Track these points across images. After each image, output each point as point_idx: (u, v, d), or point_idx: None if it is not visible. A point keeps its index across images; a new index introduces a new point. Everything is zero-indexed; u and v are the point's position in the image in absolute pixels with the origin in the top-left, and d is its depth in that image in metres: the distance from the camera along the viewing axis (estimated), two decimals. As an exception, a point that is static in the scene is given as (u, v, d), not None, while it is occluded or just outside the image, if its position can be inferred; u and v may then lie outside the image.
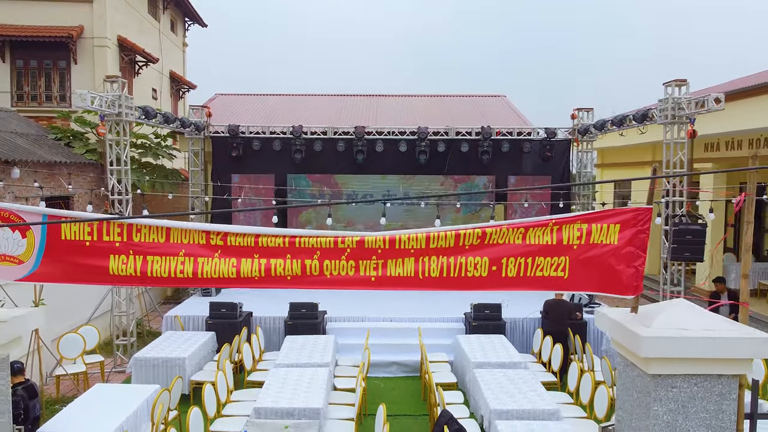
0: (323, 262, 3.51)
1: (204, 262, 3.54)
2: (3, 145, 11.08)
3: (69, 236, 3.58)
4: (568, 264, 3.60)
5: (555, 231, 3.59)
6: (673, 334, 3.20)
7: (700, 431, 3.24)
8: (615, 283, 3.54)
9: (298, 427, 6.69)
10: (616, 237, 3.52)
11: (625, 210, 3.62)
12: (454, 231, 3.59)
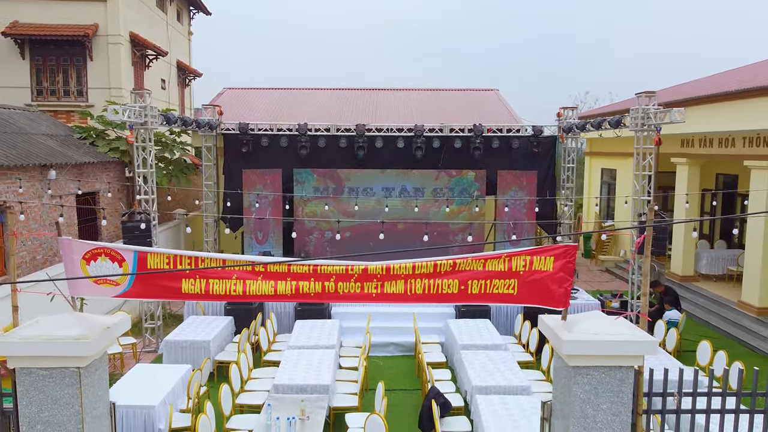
0: (337, 283, 4.79)
1: (251, 284, 4.81)
2: (40, 150, 12.27)
3: (152, 265, 4.85)
4: (516, 285, 4.87)
5: (506, 261, 4.87)
6: (587, 338, 4.48)
7: (606, 405, 4.55)
8: (550, 299, 4.81)
9: (311, 400, 8.03)
10: (551, 266, 4.77)
11: (558, 246, 4.87)
12: (432, 261, 4.86)
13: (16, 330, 4.51)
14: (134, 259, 4.89)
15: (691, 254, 16.68)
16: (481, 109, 19.21)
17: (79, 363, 4.39)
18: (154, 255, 4.90)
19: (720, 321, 13.82)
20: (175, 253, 4.91)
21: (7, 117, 13.82)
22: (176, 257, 4.88)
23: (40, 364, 4.36)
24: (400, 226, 16.32)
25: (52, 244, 12.54)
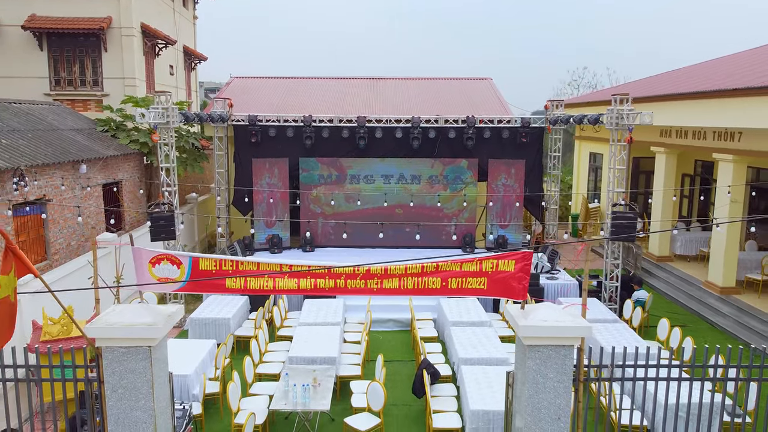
0: (347, 281, 6.10)
1: (279, 281, 6.12)
2: (71, 146, 13.50)
3: (204, 267, 6.15)
4: (486, 282, 6.19)
5: (478, 263, 6.16)
6: (538, 324, 5.82)
7: (553, 374, 5.91)
8: (512, 293, 6.13)
9: (321, 370, 9.45)
10: (513, 267, 6.08)
11: (518, 252, 6.17)
12: (420, 263, 6.16)
13: (101, 317, 5.86)
14: (189, 263, 6.20)
15: (666, 236, 18.02)
16: (474, 98, 20.36)
17: (150, 343, 5.75)
18: (205, 259, 6.22)
19: (687, 299, 15.23)
20: (221, 258, 6.23)
21: (37, 113, 15.00)
22: (221, 261, 6.21)
23: (121, 344, 5.72)
24: (398, 210, 17.65)
25: (83, 231, 13.85)
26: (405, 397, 9.73)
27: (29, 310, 9.08)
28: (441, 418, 8.51)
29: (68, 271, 10.72)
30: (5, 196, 10.82)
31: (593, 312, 12.40)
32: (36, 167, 11.70)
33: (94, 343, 5.77)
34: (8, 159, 10.91)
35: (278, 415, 9.08)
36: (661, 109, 16.52)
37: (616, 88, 23.76)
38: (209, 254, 7.15)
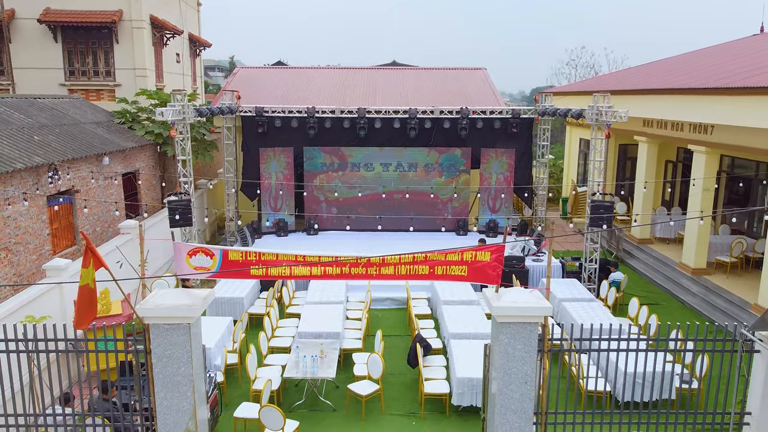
0: (351, 268, 7.30)
1: (294, 269, 7.32)
2: (94, 139, 14.63)
3: (232, 258, 7.35)
4: (466, 269, 7.39)
5: (460, 254, 7.36)
6: (508, 305, 7.04)
7: (521, 346, 7.15)
8: (488, 279, 7.34)
9: (327, 343, 10.72)
10: (489, 257, 7.28)
11: (492, 246, 7.37)
12: (412, 254, 7.35)
13: (148, 299, 7.08)
14: (220, 254, 7.40)
15: (647, 220, 19.22)
16: (468, 89, 21.40)
17: (189, 320, 6.99)
18: (233, 251, 7.41)
19: (663, 279, 16.50)
20: (247, 250, 7.43)
21: (61, 108, 16.08)
22: (246, 252, 7.41)
23: (165, 321, 6.96)
24: (396, 196, 18.84)
25: (107, 217, 15.04)
26: (401, 367, 11.03)
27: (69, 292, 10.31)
28: (432, 384, 9.81)
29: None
30: (41, 189, 12.00)
31: (572, 291, 13.68)
32: (66, 161, 12.87)
33: (144, 320, 7.01)
34: (43, 155, 12.07)
35: (290, 383, 10.38)
36: (641, 102, 17.65)
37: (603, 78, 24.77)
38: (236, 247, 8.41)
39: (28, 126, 13.34)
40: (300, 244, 17.47)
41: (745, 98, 12.53)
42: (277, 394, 9.77)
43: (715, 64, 17.50)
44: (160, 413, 7.20)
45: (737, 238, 15.94)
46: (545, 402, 7.61)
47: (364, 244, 17.00)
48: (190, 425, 7.27)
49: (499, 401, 7.32)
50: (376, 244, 17.01)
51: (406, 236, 18.12)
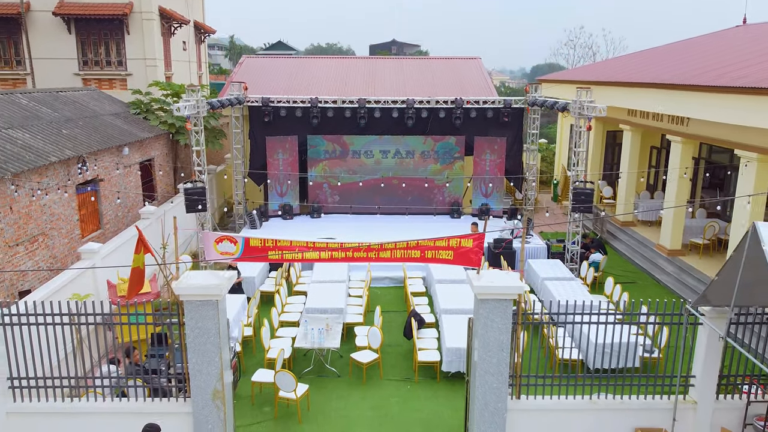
0: (354, 253, 8.52)
1: (305, 253, 8.56)
2: (114, 131, 15.79)
3: (252, 244, 8.57)
4: (452, 254, 8.61)
5: (447, 241, 8.57)
6: (487, 284, 8.29)
7: (498, 319, 8.42)
8: (471, 262, 8.57)
9: (332, 318, 12.03)
10: (471, 244, 8.50)
11: (474, 234, 8.59)
12: (406, 241, 8.57)
13: (182, 279, 8.32)
14: (242, 241, 8.63)
15: (630, 203, 20.47)
16: (463, 78, 22.46)
17: (217, 297, 8.25)
18: (253, 239, 8.65)
19: (642, 259, 17.79)
20: (265, 237, 8.67)
21: (81, 101, 17.20)
22: (265, 240, 8.65)
23: (197, 298, 8.22)
24: (394, 181, 20.05)
25: (127, 203, 16.26)
26: (397, 339, 12.36)
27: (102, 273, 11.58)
28: (425, 354, 11.15)
29: (123, 240, 13.19)
30: (72, 179, 13.22)
31: (555, 271, 14.97)
32: (92, 153, 14.05)
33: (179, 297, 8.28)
34: (72, 148, 13.25)
35: (299, 352, 11.71)
36: (625, 94, 18.76)
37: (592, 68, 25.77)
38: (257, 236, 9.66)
39: (55, 120, 14.49)
40: (305, 227, 18.72)
41: (713, 95, 13.68)
42: (288, 362, 11.11)
43: (695, 57, 18.57)
44: (192, 376, 8.51)
45: (710, 222, 17.19)
46: (519, 368, 8.92)
47: (364, 227, 18.29)
48: (217, 386, 8.58)
49: (479, 366, 8.62)
50: (375, 226, 18.30)
51: (403, 219, 19.37)
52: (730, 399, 9.07)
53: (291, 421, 9.71)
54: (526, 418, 8.87)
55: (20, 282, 11.42)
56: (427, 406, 10.21)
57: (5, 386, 8.63)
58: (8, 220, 11.08)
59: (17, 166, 11.17)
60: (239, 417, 9.66)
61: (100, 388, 8.99)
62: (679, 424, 8.94)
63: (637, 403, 9.09)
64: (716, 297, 8.34)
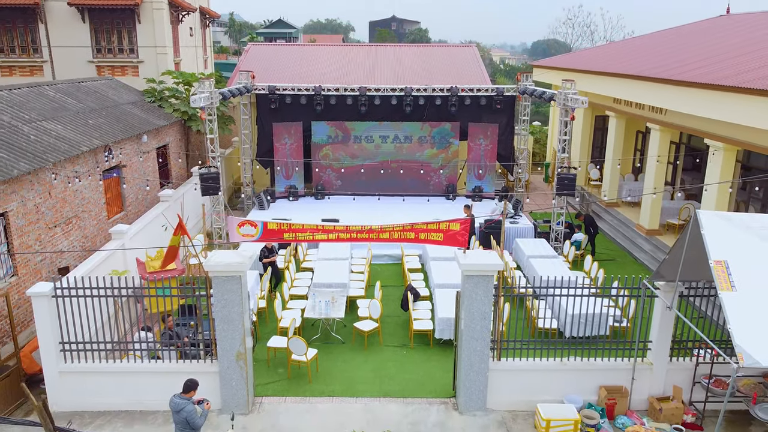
0: (357, 234, 9.85)
1: (316, 234, 9.90)
2: (134, 120, 17.02)
3: (270, 227, 9.89)
4: (442, 236, 9.95)
5: (438, 224, 9.92)
6: (471, 262, 9.65)
7: (481, 292, 9.80)
8: (458, 243, 9.92)
9: (336, 292, 13.43)
10: (458, 227, 9.83)
11: (461, 219, 9.93)
12: (401, 225, 9.89)
13: (210, 258, 9.69)
14: (261, 225, 9.97)
15: (615, 186, 21.78)
16: (458, 66, 23.61)
17: (240, 273, 9.62)
18: (271, 222, 10.00)
19: (622, 238, 19.18)
20: (281, 221, 10.03)
21: (102, 91, 18.38)
22: (281, 223, 10.00)
23: (223, 274, 9.59)
24: (393, 165, 21.33)
25: (145, 188, 17.58)
26: (395, 310, 13.79)
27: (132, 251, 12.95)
28: (419, 323, 12.58)
29: (147, 221, 14.55)
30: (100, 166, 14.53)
31: (539, 249, 16.35)
32: (116, 142, 15.34)
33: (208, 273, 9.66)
34: (99, 137, 14.52)
35: (307, 321, 13.14)
36: (609, 83, 19.97)
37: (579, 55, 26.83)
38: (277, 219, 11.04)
39: (81, 111, 15.71)
40: (310, 207, 20.05)
41: (685, 89, 14.91)
42: (298, 330, 12.54)
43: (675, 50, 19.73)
44: (219, 341, 9.92)
45: (685, 204, 18.54)
46: (499, 333, 10.34)
47: (365, 208, 19.63)
48: (240, 349, 10.00)
49: (465, 332, 10.04)
50: (375, 207, 19.65)
51: (401, 201, 20.71)
52: (681, 361, 10.51)
53: (302, 381, 11.16)
54: (504, 376, 10.32)
55: (58, 260, 12.80)
56: (421, 368, 11.67)
57: (58, 349, 10.05)
58: (48, 204, 12.41)
59: (55, 156, 12.47)
60: (257, 377, 11.10)
61: (137, 351, 10.43)
62: (637, 382, 10.41)
63: (602, 364, 10.53)
64: (668, 273, 9.73)
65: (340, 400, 10.56)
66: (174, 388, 8.68)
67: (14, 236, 11.34)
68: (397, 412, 10.18)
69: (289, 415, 10.10)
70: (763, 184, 16.07)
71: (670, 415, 10.08)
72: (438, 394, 10.77)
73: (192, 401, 8.33)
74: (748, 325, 7.50)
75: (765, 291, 7.86)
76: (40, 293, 9.65)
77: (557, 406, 9.94)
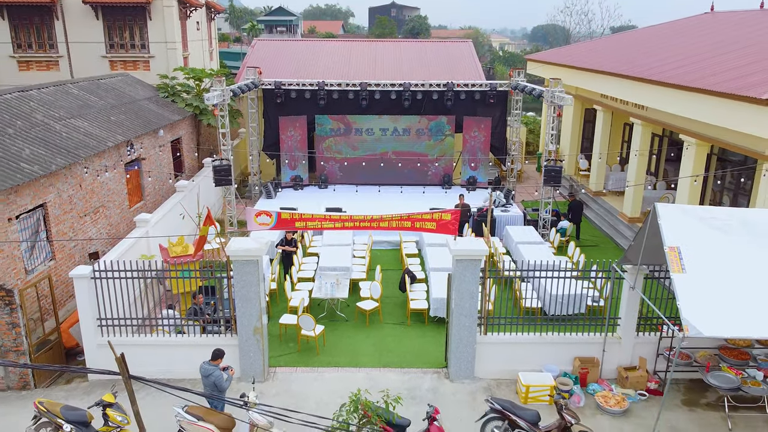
0: (360, 223, 11.13)
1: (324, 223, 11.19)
2: (150, 115, 18.26)
3: (284, 217, 11.16)
4: (435, 225, 11.23)
5: (431, 215, 11.20)
6: (461, 248, 10.94)
7: (469, 273, 11.10)
8: (449, 231, 11.19)
9: (340, 274, 14.77)
10: (449, 217, 11.11)
11: (451, 210, 11.22)
12: (399, 215, 11.17)
13: (231, 244, 10.99)
14: (276, 215, 11.27)
15: (602, 176, 23.06)
16: (454, 62, 24.80)
17: (257, 257, 10.94)
18: (284, 213, 11.31)
19: (606, 225, 20.49)
20: (293, 212, 11.33)
21: (119, 88, 19.59)
22: (293, 213, 11.31)
23: (242, 258, 10.91)
24: (392, 156, 22.60)
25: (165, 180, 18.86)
26: (394, 292, 15.14)
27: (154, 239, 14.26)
28: (416, 303, 13.94)
29: (166, 209, 15.85)
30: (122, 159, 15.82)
31: (527, 236, 17.67)
32: (137, 137, 16.61)
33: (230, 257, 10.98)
34: (122, 133, 15.78)
35: (314, 301, 14.49)
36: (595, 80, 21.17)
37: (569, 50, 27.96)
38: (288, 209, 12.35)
39: (103, 108, 16.95)
40: (314, 196, 21.33)
41: (662, 89, 16.16)
42: (306, 309, 13.90)
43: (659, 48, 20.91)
44: (238, 317, 11.27)
45: (665, 193, 19.84)
46: (485, 311, 11.69)
47: (366, 197, 20.92)
48: (257, 324, 11.36)
49: (455, 310, 11.39)
50: (375, 197, 20.93)
51: (400, 190, 22.00)
52: (646, 335, 11.88)
53: (311, 354, 12.54)
54: (490, 349, 11.68)
55: (89, 246, 14.12)
56: (417, 342, 13.04)
57: (95, 324, 11.40)
58: (79, 195, 13.70)
59: (85, 151, 13.74)
60: (270, 350, 12.46)
61: (165, 327, 11.79)
62: (607, 354, 11.78)
63: (576, 338, 11.90)
64: (633, 257, 11.07)
65: (344, 369, 11.94)
66: (198, 358, 10.06)
67: (52, 224, 12.65)
68: (396, 379, 11.56)
69: (300, 383, 11.49)
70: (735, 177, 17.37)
71: (636, 382, 11.46)
72: (432, 365, 12.16)
73: (219, 368, 9.70)
74: (694, 302, 8.82)
75: (711, 273, 9.17)
76: (81, 275, 10.99)
77: (536, 374, 11.32)
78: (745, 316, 8.72)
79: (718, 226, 9.88)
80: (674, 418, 10.73)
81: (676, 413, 10.87)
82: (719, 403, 10.96)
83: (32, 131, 13.25)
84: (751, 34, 18.92)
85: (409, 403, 10.48)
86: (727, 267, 9.24)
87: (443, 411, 10.22)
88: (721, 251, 9.43)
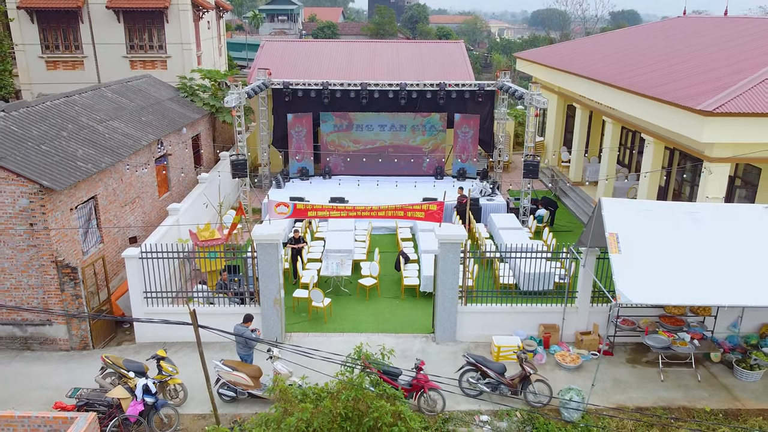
0: (362, 212, 13.40)
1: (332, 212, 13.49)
2: (174, 114, 20.53)
3: (299, 207, 13.45)
4: (423, 214, 13.52)
5: (421, 206, 13.51)
6: (444, 233, 13.24)
7: (452, 254, 13.43)
8: (435, 219, 13.45)
9: (344, 256, 17.11)
10: (435, 208, 13.41)
11: (437, 201, 13.53)
12: (394, 205, 13.47)
13: (255, 230, 13.34)
14: (292, 205, 13.61)
15: (580, 166, 25.33)
16: (447, 61, 27.03)
17: (277, 241, 13.29)
18: (299, 204, 13.66)
19: (581, 213, 22.83)
20: (306, 203, 13.67)
21: (144, 89, 21.82)
22: (306, 204, 13.67)
23: (264, 241, 13.25)
24: (390, 150, 24.88)
25: (187, 173, 21.17)
26: (390, 271, 17.54)
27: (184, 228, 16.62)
28: (408, 280, 16.34)
29: (192, 198, 18.18)
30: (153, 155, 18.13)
31: (509, 223, 20.02)
32: (165, 136, 18.90)
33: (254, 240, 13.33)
34: (153, 132, 18.06)
35: (322, 279, 16.87)
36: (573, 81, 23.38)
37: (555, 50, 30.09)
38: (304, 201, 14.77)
39: (134, 110, 19.20)
40: (320, 186, 23.65)
41: (623, 93, 18.42)
42: (315, 285, 16.29)
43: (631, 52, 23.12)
44: (261, 290, 13.64)
45: (633, 185, 22.17)
46: (465, 285, 14.08)
47: (366, 187, 23.23)
48: (276, 296, 13.74)
49: (440, 285, 13.77)
50: (375, 188, 23.24)
51: (397, 180, 24.31)
52: (599, 306, 14.27)
53: (320, 322, 14.96)
54: (469, 317, 14.08)
55: (128, 232, 16.47)
56: (410, 313, 15.46)
57: (143, 297, 13.79)
58: (120, 188, 16.02)
59: (125, 150, 16.04)
60: (286, 318, 14.88)
61: (198, 299, 14.19)
62: (566, 321, 14.19)
63: (541, 308, 14.30)
64: (586, 241, 13.44)
65: (348, 334, 14.37)
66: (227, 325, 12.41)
67: (101, 213, 15.00)
68: (391, 342, 13.95)
69: (312, 344, 13.84)
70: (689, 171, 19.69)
71: (589, 344, 13.88)
72: (421, 331, 14.58)
73: (248, 329, 12.11)
74: (626, 276, 11.17)
75: (642, 254, 11.52)
76: (131, 255, 13.37)
77: (507, 337, 13.72)
78: (669, 287, 11.08)
79: (651, 216, 12.25)
80: (618, 372, 13.17)
81: (620, 369, 13.31)
82: (656, 361, 13.38)
83: (81, 133, 15.54)
84: (709, 42, 21.12)
85: (401, 362, 12.88)
86: (655, 249, 11.61)
87: (430, 368, 12.65)
88: (652, 236, 11.79)
